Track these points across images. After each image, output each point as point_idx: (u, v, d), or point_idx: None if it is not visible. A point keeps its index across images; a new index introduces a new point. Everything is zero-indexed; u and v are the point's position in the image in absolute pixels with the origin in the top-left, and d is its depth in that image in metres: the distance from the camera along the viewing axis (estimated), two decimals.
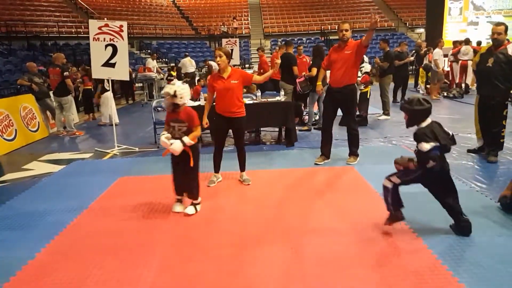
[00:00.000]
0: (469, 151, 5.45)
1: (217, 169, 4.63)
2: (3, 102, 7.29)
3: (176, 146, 3.56)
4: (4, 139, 6.81)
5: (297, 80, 7.12)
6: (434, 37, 15.34)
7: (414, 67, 13.09)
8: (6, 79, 10.46)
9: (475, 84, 6.97)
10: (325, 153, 5.33)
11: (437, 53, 10.80)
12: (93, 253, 3.09)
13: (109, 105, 8.74)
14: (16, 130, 7.19)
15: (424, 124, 2.97)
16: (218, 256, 2.98)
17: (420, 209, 3.60)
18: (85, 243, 3.28)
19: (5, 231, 3.59)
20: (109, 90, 8.78)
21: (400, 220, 3.20)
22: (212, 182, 4.56)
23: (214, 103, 4.55)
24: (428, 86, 12.00)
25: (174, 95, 3.58)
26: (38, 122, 8.01)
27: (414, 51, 12.75)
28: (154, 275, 2.77)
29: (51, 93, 8.30)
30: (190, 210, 3.78)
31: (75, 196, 4.40)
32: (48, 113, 8.46)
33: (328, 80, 5.47)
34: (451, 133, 3.03)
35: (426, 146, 2.86)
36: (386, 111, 8.38)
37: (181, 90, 3.61)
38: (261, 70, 9.66)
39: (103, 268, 2.87)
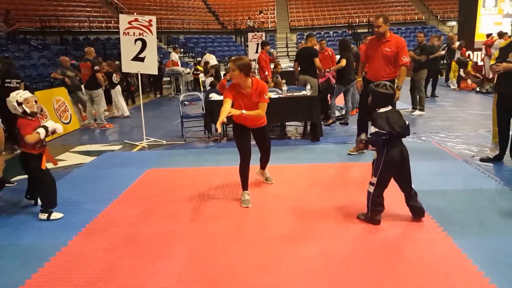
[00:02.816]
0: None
1: (246, 185, 3.95)
2: (37, 94, 7.55)
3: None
4: None
5: (320, 80, 7.12)
6: (467, 30, 14.78)
7: (446, 61, 12.68)
8: (40, 72, 10.84)
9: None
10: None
11: None
12: (122, 242, 3.19)
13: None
14: None
15: (382, 110, 3.14)
16: (245, 250, 3.01)
17: (451, 208, 3.53)
18: (115, 232, 3.39)
19: None
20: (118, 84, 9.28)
21: (374, 224, 3.26)
22: (247, 202, 3.85)
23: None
24: (464, 81, 11.59)
25: (36, 101, 3.72)
26: (70, 115, 8.29)
27: (445, 44, 12.34)
28: (182, 265, 2.83)
29: (82, 86, 8.57)
30: (40, 215, 3.73)
31: (106, 186, 4.54)
32: (80, 105, 8.74)
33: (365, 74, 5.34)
34: (407, 123, 3.19)
35: (373, 130, 3.12)
36: (421, 107, 8.19)
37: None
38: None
39: (133, 257, 2.96)
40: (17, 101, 3.58)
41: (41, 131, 3.60)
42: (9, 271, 2.83)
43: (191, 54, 20.14)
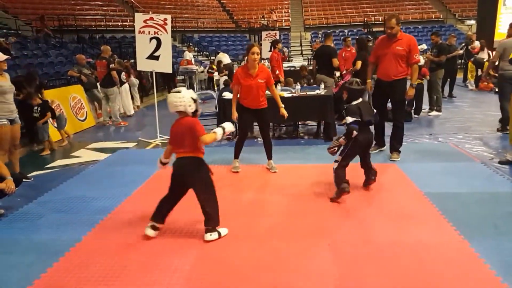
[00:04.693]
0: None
1: (237, 155, 4.91)
2: (54, 92, 7.69)
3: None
4: (56, 127, 7.19)
5: (333, 90, 7.06)
6: (486, 29, 14.46)
7: (463, 60, 12.44)
8: (57, 70, 11.00)
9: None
10: (378, 142, 5.33)
11: None
12: (135, 239, 3.21)
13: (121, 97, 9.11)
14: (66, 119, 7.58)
15: (355, 102, 3.75)
16: (254, 249, 3.00)
17: (468, 211, 3.46)
18: (127, 229, 3.41)
19: (55, 213, 3.81)
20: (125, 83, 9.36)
21: (345, 192, 3.69)
22: (237, 168, 4.84)
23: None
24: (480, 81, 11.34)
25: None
26: (86, 112, 8.40)
27: (463, 44, 12.11)
28: (191, 263, 2.84)
29: (98, 84, 8.67)
30: (207, 236, 3.16)
31: (119, 183, 4.58)
32: (95, 103, 8.85)
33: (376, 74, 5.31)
34: (375, 111, 3.96)
35: (348, 119, 3.67)
36: (438, 107, 8.04)
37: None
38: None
39: (143, 254, 2.98)
40: (192, 97, 3.05)
41: (219, 131, 3.10)
42: (24, 265, 2.88)
43: (205, 53, 20.22)
